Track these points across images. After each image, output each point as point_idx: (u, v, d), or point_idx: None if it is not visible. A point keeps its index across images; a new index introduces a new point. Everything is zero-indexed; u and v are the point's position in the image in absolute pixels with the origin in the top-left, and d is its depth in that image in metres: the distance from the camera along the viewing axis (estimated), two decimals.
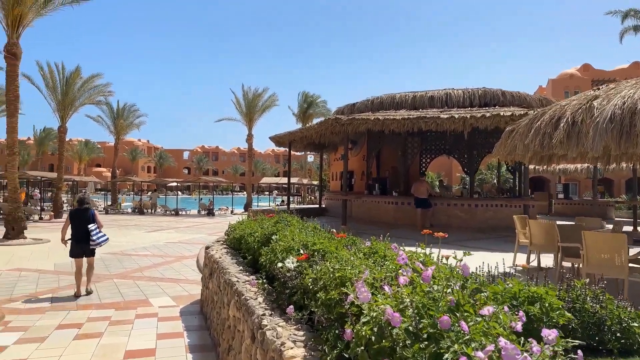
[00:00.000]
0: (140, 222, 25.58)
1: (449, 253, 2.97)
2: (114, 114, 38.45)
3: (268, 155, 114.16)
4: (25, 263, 11.51)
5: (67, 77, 28.35)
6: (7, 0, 15.53)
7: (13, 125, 16.31)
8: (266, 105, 36.22)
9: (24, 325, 6.27)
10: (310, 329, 2.99)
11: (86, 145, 75.19)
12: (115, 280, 9.56)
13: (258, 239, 5.31)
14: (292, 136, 16.75)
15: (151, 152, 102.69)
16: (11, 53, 16.08)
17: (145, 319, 6.70)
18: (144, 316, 6.84)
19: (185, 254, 13.51)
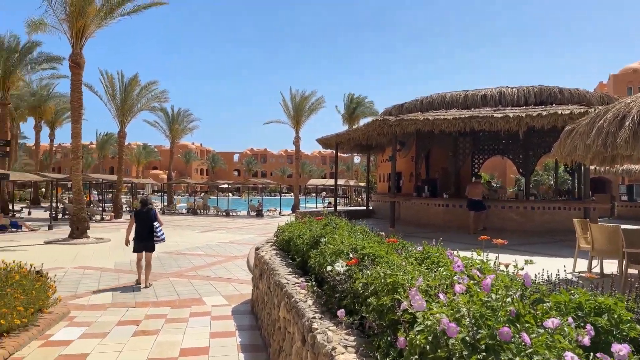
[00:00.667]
0: (194, 222, 26.47)
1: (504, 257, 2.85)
2: (169, 119, 40.05)
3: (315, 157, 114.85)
4: (88, 261, 12.20)
5: (126, 84, 29.84)
6: (72, 13, 16.56)
7: (77, 131, 17.36)
8: (313, 107, 36.49)
9: (88, 320, 6.64)
10: (361, 335, 2.96)
11: (144, 149, 78.78)
12: (171, 279, 9.94)
13: (307, 241, 5.34)
14: (339, 138, 16.75)
15: (204, 155, 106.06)
16: (75, 63, 17.14)
17: (199, 317, 6.91)
18: (198, 315, 7.05)
19: (236, 254, 13.83)
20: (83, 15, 16.50)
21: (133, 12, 18.72)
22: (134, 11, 18.65)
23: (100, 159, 75.50)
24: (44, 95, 39.82)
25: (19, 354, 5.17)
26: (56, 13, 16.71)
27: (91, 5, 16.73)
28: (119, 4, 17.88)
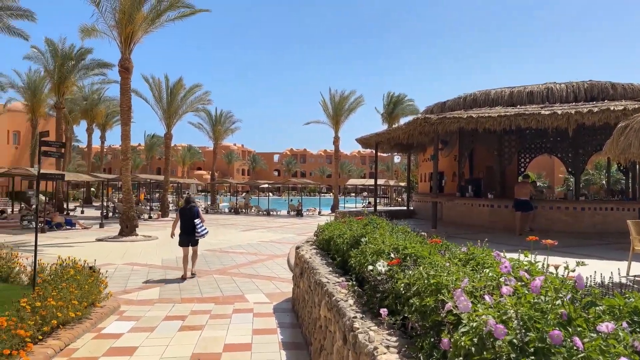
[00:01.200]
0: (236, 221, 27.03)
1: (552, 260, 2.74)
2: (212, 121, 41.06)
3: (354, 156, 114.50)
4: (137, 258, 12.71)
5: (172, 88, 30.85)
6: (121, 20, 17.31)
7: (126, 133, 18.13)
8: (352, 107, 36.42)
9: (136, 315, 6.91)
10: (402, 335, 2.94)
11: (189, 150, 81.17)
12: (215, 276, 10.19)
13: (347, 240, 5.34)
14: (379, 137, 16.63)
15: (245, 155, 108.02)
16: (124, 67, 17.90)
17: (241, 314, 7.05)
18: (241, 311, 7.20)
19: (277, 252, 14.01)
20: (131, 21, 17.22)
21: (177, 19, 19.35)
22: (178, 18, 19.27)
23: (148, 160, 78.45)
24: (95, 99, 41.82)
25: (73, 345, 5.46)
26: (106, 20, 17.55)
27: (139, 12, 17.42)
28: (164, 10, 18.52)
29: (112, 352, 5.29)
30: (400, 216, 16.60)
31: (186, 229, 10.02)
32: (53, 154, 6.92)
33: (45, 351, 4.95)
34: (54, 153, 6.94)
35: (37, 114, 36.35)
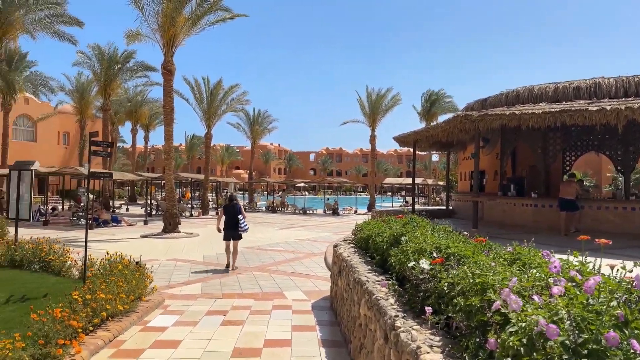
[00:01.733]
0: (273, 220, 27.37)
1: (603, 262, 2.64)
2: (250, 121, 41.71)
3: (390, 155, 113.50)
4: (179, 254, 13.09)
5: (211, 89, 31.55)
6: (163, 23, 17.86)
7: (169, 133, 18.69)
8: (389, 105, 36.09)
9: (180, 309, 7.13)
10: (446, 335, 2.91)
11: (227, 150, 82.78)
12: (254, 272, 10.37)
13: (386, 239, 5.31)
14: (417, 135, 16.41)
15: (281, 155, 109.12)
16: (167, 70, 18.47)
17: (280, 310, 7.14)
18: (280, 308, 7.29)
19: (314, 251, 14.10)
20: (173, 24, 17.74)
21: (217, 23, 19.77)
22: (217, 22, 19.69)
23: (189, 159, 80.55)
24: (139, 101, 43.32)
25: (121, 337, 5.69)
26: (150, 24, 18.15)
27: (180, 15, 17.92)
28: (204, 13, 18.95)
29: (158, 345, 5.48)
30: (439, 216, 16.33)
31: (230, 224, 10.90)
32: (102, 154, 7.24)
33: (95, 342, 5.19)
34: (103, 152, 7.26)
35: (85, 115, 38.02)
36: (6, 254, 9.42)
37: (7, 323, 5.40)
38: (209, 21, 18.97)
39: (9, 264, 9.29)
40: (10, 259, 9.31)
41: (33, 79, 33.50)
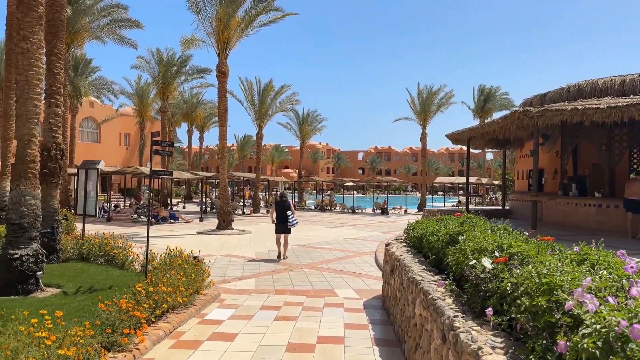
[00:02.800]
0: (322, 218, 27.52)
1: None
2: (300, 120, 42.15)
3: (442, 154, 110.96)
4: (233, 250, 13.46)
5: (263, 89, 32.19)
6: (218, 27, 18.41)
7: (223, 133, 19.26)
8: (441, 102, 35.27)
9: (235, 303, 7.33)
10: (508, 336, 2.81)
11: (277, 150, 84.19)
12: (305, 270, 10.48)
13: (442, 238, 5.20)
14: (472, 132, 15.92)
15: (330, 154, 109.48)
16: (221, 72, 19.03)
17: (332, 308, 7.18)
18: (331, 305, 7.33)
19: (363, 250, 14.04)
20: (227, 28, 18.25)
21: (268, 23, 20.12)
22: (269, 22, 20.03)
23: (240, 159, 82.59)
24: (194, 103, 44.93)
25: (181, 329, 5.93)
26: (205, 28, 18.77)
27: (234, 18, 18.40)
28: (257, 14, 19.34)
29: (215, 337, 5.67)
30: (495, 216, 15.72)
31: (280, 218, 12.04)
32: (163, 153, 7.58)
33: (157, 332, 5.44)
34: (164, 152, 7.60)
35: (145, 117, 39.93)
36: (75, 247, 10.06)
37: (78, 312, 5.77)
38: (261, 22, 19.36)
39: (77, 257, 9.92)
40: (79, 252, 9.94)
41: (97, 83, 35.58)
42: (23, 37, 6.45)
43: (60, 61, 9.53)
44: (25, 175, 6.71)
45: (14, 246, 6.58)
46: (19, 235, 6.64)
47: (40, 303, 6.07)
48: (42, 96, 6.98)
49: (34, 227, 6.82)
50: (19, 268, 6.43)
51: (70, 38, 22.02)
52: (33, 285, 6.62)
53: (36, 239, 6.91)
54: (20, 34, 6.47)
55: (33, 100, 6.62)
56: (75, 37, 22.54)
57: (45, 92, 9.62)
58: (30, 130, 6.65)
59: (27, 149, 6.66)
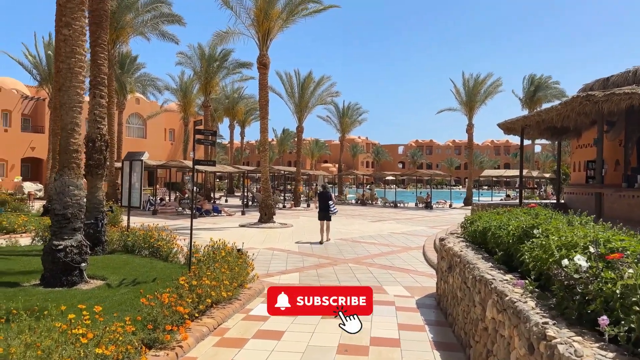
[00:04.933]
0: (363, 212, 26.98)
1: None
2: (340, 113, 41.64)
3: (486, 146, 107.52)
4: (275, 243, 13.21)
5: (302, 82, 31.89)
6: (258, 17, 18.15)
7: (265, 126, 19.05)
8: (488, 91, 33.80)
9: None
10: (620, 351, 2.28)
11: (316, 144, 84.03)
12: (350, 265, 10.05)
13: (513, 232, 4.63)
14: (527, 121, 14.89)
15: (369, 148, 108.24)
16: (262, 64, 18.80)
17: (383, 306, 6.71)
18: (382, 303, 6.85)
19: (410, 245, 13.45)
20: (267, 18, 17.97)
21: (310, 15, 19.67)
22: (310, 13, 19.58)
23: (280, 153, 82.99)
24: (235, 98, 45.29)
25: (225, 325, 5.63)
26: (243, 21, 18.57)
27: (274, 8, 18.10)
28: (298, 4, 18.95)
29: (261, 335, 5.33)
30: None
31: (322, 207, 13.67)
32: (206, 142, 7.34)
33: (200, 329, 5.16)
34: (207, 141, 7.35)
35: (188, 113, 40.59)
36: (120, 239, 10.08)
37: (120, 305, 5.59)
38: (303, 13, 18.94)
39: (122, 249, 9.93)
40: (124, 244, 9.94)
41: (142, 80, 36.42)
42: (65, 23, 6.33)
43: (105, 52, 9.50)
44: (69, 165, 6.62)
45: (58, 237, 6.50)
46: (63, 226, 6.56)
47: (83, 295, 5.94)
48: (84, 84, 6.87)
49: (77, 218, 6.72)
50: (63, 259, 6.35)
51: (116, 34, 22.43)
52: (77, 277, 6.52)
53: (80, 230, 6.82)
54: (62, 21, 6.36)
55: (75, 88, 6.51)
56: (121, 33, 22.94)
57: (89, 83, 9.65)
58: (73, 119, 6.55)
59: (70, 138, 6.56)
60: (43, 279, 6.44)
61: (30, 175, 41.07)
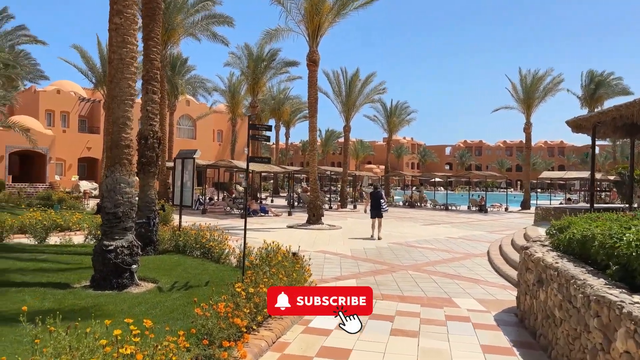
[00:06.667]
0: (413, 215, 25.97)
1: None
2: (387, 112, 40.64)
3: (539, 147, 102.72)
4: (326, 246, 12.63)
5: (349, 80, 31.23)
6: (308, 13, 17.67)
7: (313, 125, 18.56)
8: (548, 88, 31.83)
9: None
10: None
11: (361, 144, 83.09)
12: (410, 272, 9.30)
13: (636, 243, 3.79)
14: (601, 117, 13.54)
15: (414, 149, 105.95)
16: (312, 60, 18.31)
17: (457, 322, 5.95)
18: (455, 319, 6.10)
19: (472, 251, 12.51)
20: (318, 13, 17.45)
21: (361, 7, 19.01)
22: (362, 5, 18.92)
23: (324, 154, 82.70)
24: (281, 98, 45.27)
25: (284, 339, 5.09)
26: (294, 17, 18.15)
27: (325, 2, 17.57)
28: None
29: (325, 353, 4.73)
30: None
31: (374, 205, 14.54)
32: (260, 137, 6.86)
33: (259, 343, 4.63)
34: (261, 137, 6.88)
35: (236, 113, 40.89)
36: (171, 239, 9.82)
37: (172, 312, 5.16)
38: (354, 5, 18.29)
39: (173, 249, 9.66)
40: (175, 243, 9.67)
41: (192, 81, 36.96)
42: (117, 11, 6.03)
43: (157, 46, 9.26)
44: (120, 161, 6.31)
45: (108, 237, 6.20)
46: (114, 225, 6.25)
47: (133, 300, 5.57)
48: (136, 76, 6.55)
49: (129, 217, 6.40)
50: (114, 260, 6.02)
51: (167, 35, 22.65)
52: (127, 279, 6.19)
53: (131, 230, 6.50)
54: (114, 9, 6.06)
55: (127, 80, 6.19)
56: (172, 34, 23.16)
57: (142, 78, 9.43)
58: (124, 113, 6.24)
59: (121, 133, 6.25)
60: (93, 281, 6.15)
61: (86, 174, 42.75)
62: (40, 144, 30.73)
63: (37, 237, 10.66)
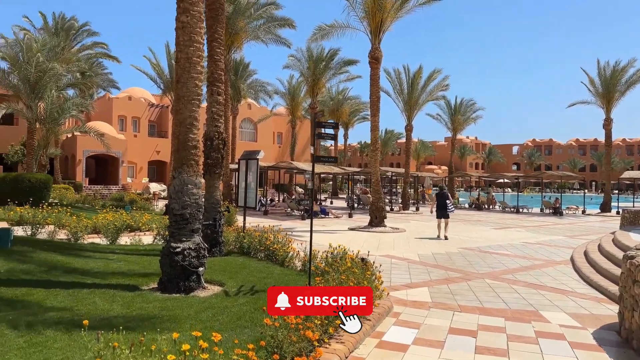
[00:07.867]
0: (481, 218, 24.69)
1: None
2: (451, 110, 39.16)
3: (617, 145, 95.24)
4: (391, 250, 12.10)
5: (412, 77, 30.33)
6: (371, 9, 17.18)
7: (375, 124, 18.04)
8: (631, 80, 29.14)
9: (414, 321, 5.88)
10: None
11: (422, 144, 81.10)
12: (487, 280, 8.57)
13: None
14: None
15: (479, 148, 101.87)
16: (374, 57, 17.80)
17: (550, 340, 5.26)
18: (547, 336, 5.41)
19: (553, 258, 11.46)
20: (381, 9, 16.94)
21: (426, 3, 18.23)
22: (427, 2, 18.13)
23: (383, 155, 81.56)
24: (340, 99, 45.05)
25: (357, 353, 4.69)
26: (357, 12, 17.74)
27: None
28: None
29: None
30: None
31: (440, 206, 14.93)
32: (326, 136, 6.53)
33: (330, 357, 4.25)
34: (327, 135, 6.54)
35: (295, 116, 41.16)
36: (236, 240, 9.76)
37: (239, 320, 4.93)
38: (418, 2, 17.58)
39: (238, 251, 9.59)
40: (239, 245, 9.60)
41: (254, 85, 37.64)
42: (183, 9, 5.93)
43: (221, 47, 9.22)
44: (188, 162, 6.22)
45: (176, 239, 6.11)
46: (181, 227, 6.15)
47: (200, 305, 5.40)
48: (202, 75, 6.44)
49: (196, 219, 6.30)
50: (181, 263, 5.92)
51: (230, 40, 23.04)
52: (194, 282, 6.06)
53: (198, 232, 6.39)
54: (180, 7, 5.98)
55: (194, 79, 6.09)
56: (235, 38, 23.54)
57: (207, 80, 9.44)
58: (191, 113, 6.13)
59: (189, 134, 6.15)
60: (160, 283, 6.09)
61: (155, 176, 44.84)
62: (113, 148, 32.54)
63: (108, 237, 11.01)
